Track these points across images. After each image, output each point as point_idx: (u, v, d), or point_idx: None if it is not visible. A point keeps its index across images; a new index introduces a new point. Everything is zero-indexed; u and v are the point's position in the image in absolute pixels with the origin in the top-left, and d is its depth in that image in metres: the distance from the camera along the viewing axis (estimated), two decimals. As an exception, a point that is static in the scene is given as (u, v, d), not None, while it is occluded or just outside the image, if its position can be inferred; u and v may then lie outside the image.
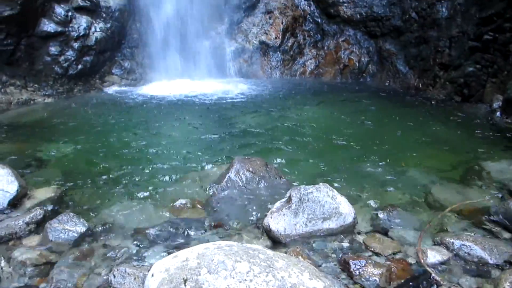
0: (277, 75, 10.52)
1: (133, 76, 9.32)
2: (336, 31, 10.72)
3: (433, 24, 9.05)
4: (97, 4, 8.64)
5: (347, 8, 10.43)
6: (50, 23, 8.07)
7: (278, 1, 10.86)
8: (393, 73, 9.81)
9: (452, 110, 7.26)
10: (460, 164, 4.66)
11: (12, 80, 7.52)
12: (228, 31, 10.71)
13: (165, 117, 6.87)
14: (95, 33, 8.61)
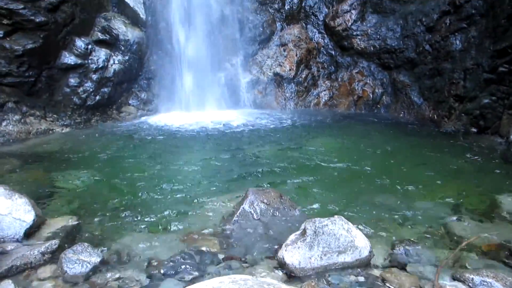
0: (291, 106, 10.59)
1: (149, 106, 9.47)
2: (350, 63, 10.82)
3: (447, 56, 9.09)
4: (116, 38, 8.88)
5: (361, 41, 10.56)
6: (70, 55, 8.30)
7: (292, 34, 11.05)
8: (407, 104, 9.81)
9: (468, 142, 7.19)
10: (477, 197, 4.59)
11: (32, 111, 7.70)
12: (243, 63, 10.89)
13: (180, 147, 6.94)
14: (114, 65, 8.82)
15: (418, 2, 9.90)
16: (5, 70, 7.44)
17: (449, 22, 9.13)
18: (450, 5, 9.10)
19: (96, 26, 8.79)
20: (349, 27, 10.64)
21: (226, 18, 10.71)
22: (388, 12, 10.39)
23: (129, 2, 9.18)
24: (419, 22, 9.72)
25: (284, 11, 11.31)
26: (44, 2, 7.77)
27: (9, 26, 7.49)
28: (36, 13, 7.67)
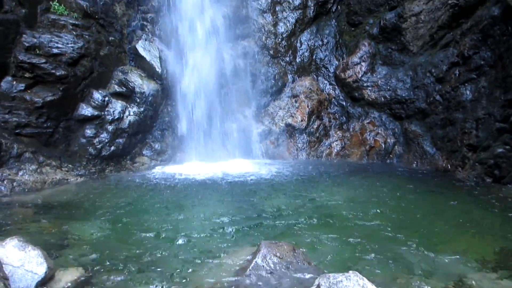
0: (303, 157, 10.63)
1: (163, 157, 9.58)
2: (361, 113, 10.93)
3: (458, 106, 9.15)
4: (132, 90, 9.15)
5: (371, 92, 10.72)
6: (87, 107, 8.54)
7: (304, 85, 11.27)
8: (420, 154, 9.79)
9: (484, 192, 7.10)
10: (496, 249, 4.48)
11: (48, 161, 7.84)
12: (255, 114, 11.07)
13: (193, 198, 6.94)
14: (129, 116, 9.03)
15: (427, 54, 10.10)
16: (24, 121, 7.67)
17: (458, 73, 9.26)
18: (458, 57, 9.27)
19: (113, 79, 9.09)
20: (360, 78, 10.84)
21: (239, 71, 11.00)
22: (398, 64, 10.60)
23: (145, 57, 9.51)
24: (428, 73, 9.87)
25: (296, 64, 11.61)
26: (65, 56, 8.11)
27: (31, 79, 7.80)
28: (56, 67, 7.99)
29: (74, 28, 8.46)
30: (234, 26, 11.10)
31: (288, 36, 11.57)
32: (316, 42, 11.70)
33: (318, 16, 11.81)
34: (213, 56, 10.51)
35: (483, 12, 8.93)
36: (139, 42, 9.57)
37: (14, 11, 7.84)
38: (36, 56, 7.85)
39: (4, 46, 7.54)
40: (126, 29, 9.55)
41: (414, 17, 10.16)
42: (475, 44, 8.92)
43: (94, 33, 8.80)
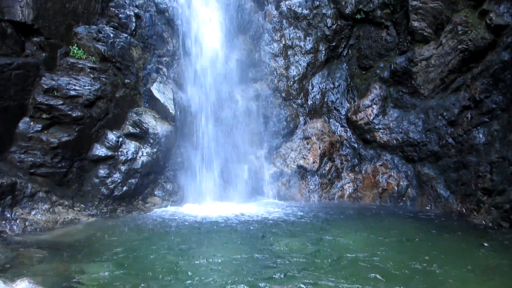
0: (315, 199, 10.55)
1: (175, 197, 9.58)
2: (373, 155, 10.91)
3: (471, 150, 9.09)
4: (146, 131, 9.28)
5: (383, 134, 10.73)
6: (102, 147, 8.67)
7: (315, 127, 11.34)
8: (434, 197, 9.66)
9: (501, 238, 6.92)
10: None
11: (61, 200, 7.89)
12: (267, 156, 11.11)
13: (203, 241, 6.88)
14: (142, 157, 9.12)
15: (438, 97, 10.16)
16: (40, 161, 7.79)
17: (470, 116, 9.27)
18: (470, 100, 9.30)
19: (127, 120, 9.26)
20: (371, 121, 10.89)
21: (252, 113, 11.15)
22: (409, 106, 10.66)
23: (160, 98, 9.71)
24: (440, 116, 9.89)
25: (307, 106, 11.75)
26: (82, 98, 8.33)
27: (48, 120, 7.99)
28: (73, 109, 8.19)
29: (92, 71, 8.72)
30: (247, 69, 11.35)
31: (300, 79, 11.78)
32: (328, 85, 11.87)
33: (329, 60, 12.05)
34: (226, 98, 10.70)
35: (493, 57, 9.03)
36: (154, 85, 9.79)
37: (35, 55, 8.14)
38: (54, 98, 8.07)
39: (24, 88, 7.77)
40: (141, 72, 9.81)
41: (425, 61, 10.30)
42: (486, 88, 8.97)
43: (111, 75, 9.05)
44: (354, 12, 11.64)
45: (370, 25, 11.74)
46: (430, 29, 10.31)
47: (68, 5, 8.64)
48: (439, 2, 10.03)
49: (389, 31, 11.38)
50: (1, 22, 7.69)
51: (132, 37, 9.73)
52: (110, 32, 9.21)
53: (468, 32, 9.50)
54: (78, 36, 8.82)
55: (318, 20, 11.81)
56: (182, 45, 10.51)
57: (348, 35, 12.02)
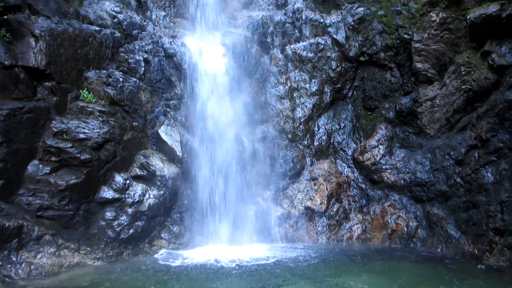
0: (324, 240, 10.39)
1: (181, 240, 9.48)
2: (381, 196, 10.82)
3: (480, 189, 9.01)
4: (153, 173, 9.31)
5: (391, 174, 10.69)
6: (109, 190, 8.68)
7: (322, 168, 11.33)
8: (444, 238, 9.48)
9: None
10: None
11: (67, 243, 7.83)
12: (274, 197, 11.05)
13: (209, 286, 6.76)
14: (149, 199, 9.10)
15: (445, 137, 10.18)
16: (47, 203, 7.81)
17: (478, 156, 9.24)
18: (476, 139, 9.31)
19: (135, 163, 9.31)
20: (378, 161, 10.88)
21: (258, 154, 11.18)
22: (416, 146, 10.67)
23: (167, 141, 9.80)
24: (447, 155, 9.87)
25: (314, 147, 11.78)
26: (91, 141, 8.43)
27: (56, 163, 8.07)
28: (82, 151, 8.28)
29: (101, 114, 8.87)
30: (253, 111, 11.49)
31: (306, 121, 11.88)
32: (334, 126, 11.96)
33: (335, 101, 12.20)
34: (232, 140, 10.76)
35: (497, 97, 9.11)
36: (162, 127, 9.91)
37: (46, 99, 8.33)
38: (63, 141, 8.18)
39: (34, 131, 7.91)
40: (149, 115, 9.95)
41: (429, 101, 10.40)
42: (492, 127, 9.00)
43: (119, 119, 9.19)
44: (358, 54, 11.89)
45: (374, 67, 11.96)
46: (433, 70, 10.48)
47: (80, 51, 8.91)
48: (441, 44, 10.24)
49: (393, 72, 11.58)
50: (15, 67, 7.94)
51: (141, 81, 9.94)
52: (119, 76, 9.42)
53: (471, 73, 9.63)
54: (88, 81, 9.04)
55: (322, 63, 12.04)
56: (190, 88, 10.71)
57: (353, 76, 12.22)
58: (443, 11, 10.08)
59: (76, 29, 8.83)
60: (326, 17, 12.21)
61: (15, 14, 8.10)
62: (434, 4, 10.27)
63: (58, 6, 8.90)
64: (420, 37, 10.59)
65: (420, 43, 10.57)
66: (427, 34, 10.43)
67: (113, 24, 10.07)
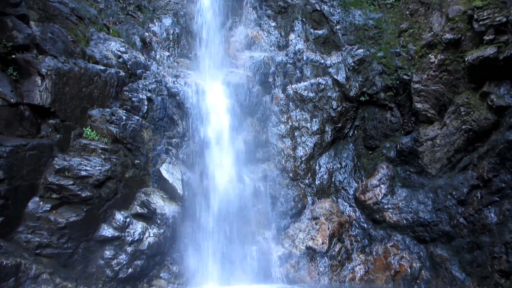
0: (326, 281, 10.19)
1: (180, 280, 9.30)
2: (384, 236, 10.70)
3: (484, 230, 8.92)
4: (154, 212, 9.25)
5: (393, 214, 10.61)
6: (109, 228, 8.60)
7: (324, 207, 11.26)
8: (449, 280, 9.30)
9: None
10: None
11: (64, 283, 7.67)
12: (275, 237, 10.92)
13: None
14: (149, 238, 9.00)
15: (446, 176, 10.17)
16: (46, 241, 7.72)
17: (480, 196, 9.20)
18: (478, 179, 9.29)
19: (136, 200, 9.28)
20: (380, 200, 10.82)
21: (259, 193, 11.15)
22: (417, 186, 10.65)
23: (168, 179, 9.80)
24: (449, 195, 9.83)
25: (315, 186, 11.76)
26: (92, 178, 8.43)
27: (57, 200, 8.04)
28: (83, 189, 8.27)
29: (103, 152, 8.91)
30: (255, 150, 11.54)
31: (307, 160, 11.91)
32: (335, 165, 11.98)
33: (336, 140, 12.27)
34: (233, 179, 10.76)
35: (497, 137, 9.15)
36: (163, 165, 9.93)
37: (50, 136, 8.39)
38: (65, 178, 8.19)
39: (36, 168, 7.92)
40: (151, 152, 10.00)
41: (430, 141, 10.46)
42: (494, 167, 9.00)
43: (121, 156, 9.23)
44: (358, 94, 12.06)
45: (374, 106, 12.11)
46: (433, 110, 10.60)
47: (85, 90, 9.06)
48: (440, 85, 10.41)
49: (393, 112, 11.71)
50: (20, 105, 8.05)
51: (144, 119, 10.05)
52: (122, 114, 9.54)
53: (471, 113, 9.73)
54: (92, 119, 9.14)
55: (323, 103, 12.20)
56: (192, 127, 10.81)
57: (354, 116, 12.35)
58: (442, 53, 10.31)
59: (81, 68, 9.01)
60: (327, 58, 12.46)
61: (23, 53, 8.29)
62: (433, 46, 10.52)
63: (65, 46, 9.12)
64: (419, 78, 10.78)
65: (419, 84, 10.75)
66: (426, 75, 10.62)
67: (118, 63, 10.28)
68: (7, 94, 7.90)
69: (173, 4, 13.16)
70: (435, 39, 10.46)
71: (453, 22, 10.09)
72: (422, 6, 11.52)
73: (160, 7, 13.03)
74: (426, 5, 11.40)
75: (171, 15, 12.98)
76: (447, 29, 10.19)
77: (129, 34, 11.74)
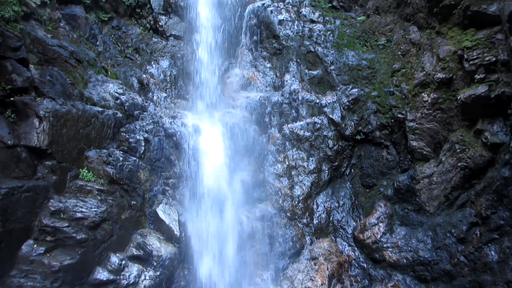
0: (326, 324, 9.92)
1: (177, 324, 9.07)
2: (384, 276, 10.50)
3: (485, 268, 8.78)
4: (150, 253, 9.11)
5: (392, 253, 10.45)
6: (104, 271, 8.44)
7: (322, 247, 11.09)
8: (452, 321, 9.08)
9: None
10: None
11: (57, 330, 7.47)
12: (273, 278, 10.71)
13: None
14: (144, 281, 8.82)
15: (444, 214, 10.11)
16: (39, 285, 7.58)
17: (479, 233, 9.11)
18: (477, 217, 9.23)
19: (132, 242, 9.15)
20: (379, 239, 10.70)
21: (257, 233, 11.02)
22: (416, 224, 10.56)
23: (165, 220, 9.71)
24: (449, 233, 9.73)
25: (313, 226, 11.64)
26: (88, 220, 8.35)
27: (52, 243, 7.95)
28: (78, 231, 8.18)
29: (99, 193, 8.87)
30: (252, 189, 11.50)
31: (305, 199, 11.85)
32: (332, 203, 11.91)
33: (333, 179, 12.25)
34: (231, 219, 10.67)
35: (493, 174, 9.17)
36: (160, 206, 9.86)
37: (46, 178, 8.37)
38: (60, 220, 8.11)
39: (31, 210, 7.86)
40: (148, 193, 9.95)
41: (427, 178, 10.47)
42: (492, 204, 8.97)
43: (118, 197, 9.18)
44: (354, 133, 12.16)
45: (370, 145, 12.18)
46: (428, 148, 10.67)
47: (82, 131, 9.11)
48: (434, 123, 10.53)
49: (389, 150, 11.77)
50: (17, 147, 8.07)
51: (141, 160, 10.06)
52: (119, 155, 9.55)
53: (466, 150, 9.79)
54: (88, 160, 9.15)
55: (320, 142, 12.27)
56: (189, 167, 10.81)
57: (350, 155, 12.40)
58: (434, 92, 10.49)
59: (79, 110, 9.10)
60: (322, 98, 12.63)
61: (22, 95, 8.38)
62: (425, 85, 10.72)
63: (63, 88, 9.25)
64: (413, 117, 10.92)
65: (413, 122, 10.87)
66: (420, 113, 10.77)
67: (115, 105, 10.40)
68: (4, 136, 7.93)
69: (170, 46, 13.47)
70: (427, 78, 10.67)
71: (444, 62, 10.33)
72: (413, 46, 11.81)
73: (157, 50, 13.32)
74: (417, 45, 11.69)
75: (168, 57, 13.26)
76: (439, 69, 10.42)
77: (127, 76, 11.95)
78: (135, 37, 13.40)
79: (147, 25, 13.71)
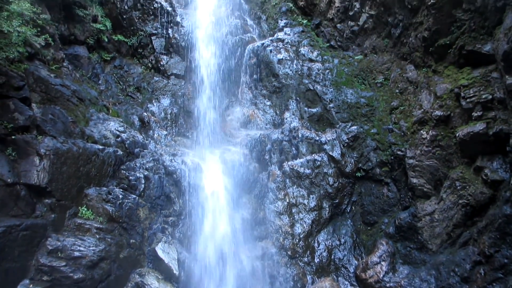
0: None
1: None
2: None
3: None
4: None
5: (395, 293, 10.25)
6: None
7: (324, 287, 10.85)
8: None
9: None
10: None
11: None
12: None
13: None
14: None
15: (447, 252, 9.96)
16: (33, 328, 7.36)
17: (483, 272, 8.95)
18: (480, 255, 9.09)
19: (130, 282, 8.99)
20: (381, 279, 10.49)
21: (257, 273, 10.84)
22: (419, 262, 10.39)
23: (164, 259, 9.56)
24: (452, 272, 9.56)
25: (314, 264, 11.45)
26: (85, 259, 8.23)
27: (48, 283, 7.81)
28: (75, 270, 8.05)
29: (98, 231, 8.78)
30: (252, 227, 11.40)
31: (305, 237, 11.71)
32: (334, 241, 11.76)
33: (334, 217, 12.15)
34: (231, 258, 10.52)
35: (495, 211, 9.09)
36: (159, 245, 9.74)
37: (44, 216, 8.32)
38: (57, 259, 7.99)
39: (28, 249, 7.76)
40: (147, 231, 9.84)
41: (428, 216, 10.38)
42: (495, 242, 8.85)
43: (116, 236, 9.08)
44: (354, 170, 12.16)
45: (370, 182, 12.16)
46: (429, 185, 10.64)
47: (82, 169, 9.12)
48: (434, 160, 10.54)
49: (390, 187, 11.74)
50: (17, 185, 8.05)
51: (140, 197, 10.01)
52: (119, 193, 9.52)
53: (467, 187, 9.75)
54: (88, 198, 9.11)
55: (320, 179, 12.25)
56: (189, 205, 10.75)
57: (350, 192, 12.35)
58: (433, 129, 10.56)
59: (80, 148, 9.15)
60: (322, 135, 12.71)
61: (23, 134, 8.44)
62: (424, 122, 10.80)
63: (65, 126, 9.33)
64: (413, 154, 10.94)
65: (413, 159, 10.89)
66: (419, 150, 10.80)
67: (116, 142, 10.45)
68: (4, 174, 7.94)
69: (171, 85, 13.67)
70: (425, 115, 10.77)
71: (441, 100, 10.46)
72: (411, 84, 11.99)
73: (158, 88, 13.52)
74: (414, 83, 11.87)
75: (169, 95, 13.44)
76: (436, 106, 10.53)
77: (128, 114, 12.07)
78: (137, 76, 13.63)
79: (148, 64, 13.97)
